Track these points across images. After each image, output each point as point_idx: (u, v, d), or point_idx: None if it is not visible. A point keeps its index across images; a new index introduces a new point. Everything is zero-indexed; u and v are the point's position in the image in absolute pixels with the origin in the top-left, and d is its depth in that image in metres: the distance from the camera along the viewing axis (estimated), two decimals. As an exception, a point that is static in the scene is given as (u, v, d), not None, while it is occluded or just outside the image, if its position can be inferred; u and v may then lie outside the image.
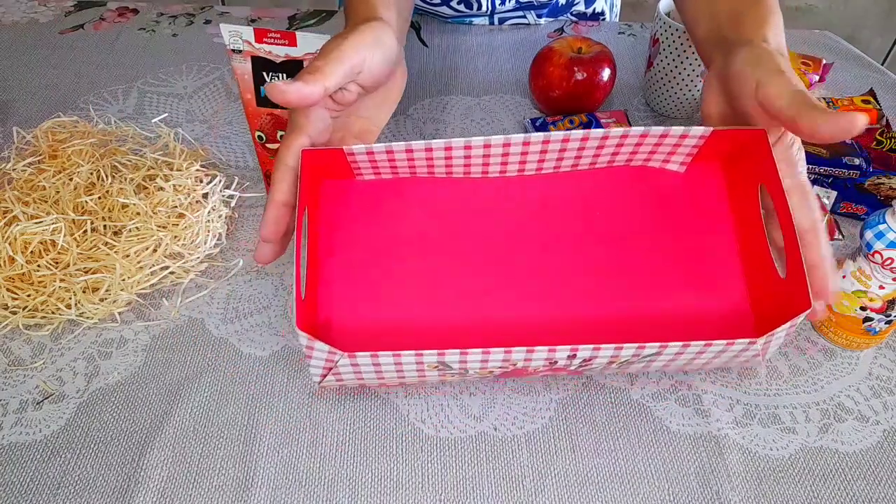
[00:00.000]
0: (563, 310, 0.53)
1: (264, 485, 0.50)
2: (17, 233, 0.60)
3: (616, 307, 0.53)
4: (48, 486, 0.49)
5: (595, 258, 0.54)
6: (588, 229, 0.55)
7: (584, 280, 0.54)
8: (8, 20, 0.97)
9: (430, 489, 0.50)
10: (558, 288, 0.54)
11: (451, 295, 0.53)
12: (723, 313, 0.53)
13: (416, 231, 0.55)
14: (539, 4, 0.98)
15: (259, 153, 0.69)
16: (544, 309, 0.53)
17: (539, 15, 1.00)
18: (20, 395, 0.55)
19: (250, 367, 0.57)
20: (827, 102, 0.82)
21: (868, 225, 0.54)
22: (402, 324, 0.53)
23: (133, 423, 0.53)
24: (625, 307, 0.53)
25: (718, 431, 0.54)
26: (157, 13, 1.00)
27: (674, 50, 0.78)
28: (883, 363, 0.59)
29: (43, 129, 0.72)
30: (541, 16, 1.00)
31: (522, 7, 0.98)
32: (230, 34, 0.61)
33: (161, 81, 0.87)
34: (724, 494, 0.50)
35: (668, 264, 0.54)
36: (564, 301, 0.53)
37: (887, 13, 2.06)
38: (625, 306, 0.53)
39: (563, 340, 0.51)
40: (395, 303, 0.53)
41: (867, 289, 0.56)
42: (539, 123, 0.79)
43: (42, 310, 0.59)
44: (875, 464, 0.53)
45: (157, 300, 0.62)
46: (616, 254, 0.55)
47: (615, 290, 0.54)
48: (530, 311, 0.53)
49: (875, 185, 0.71)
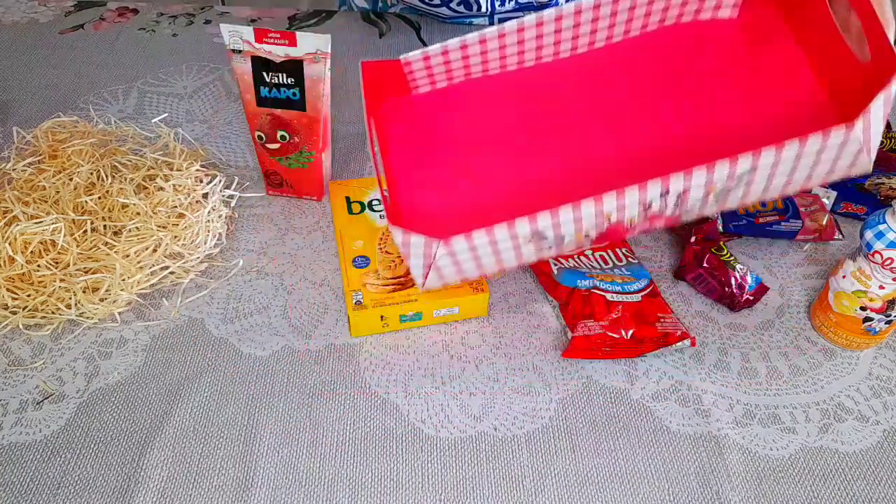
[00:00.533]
0: (647, 160, 0.50)
1: (264, 485, 0.50)
2: (17, 233, 0.60)
3: (697, 135, 0.50)
4: (48, 486, 0.49)
5: (667, 114, 0.51)
6: (652, 92, 0.53)
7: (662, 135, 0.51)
8: (8, 20, 0.97)
9: (430, 489, 0.50)
10: (635, 147, 0.51)
11: (532, 177, 0.51)
12: (801, 112, 0.49)
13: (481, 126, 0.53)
14: (539, 5, 0.98)
15: (259, 153, 0.69)
16: (627, 163, 0.50)
17: None
18: (20, 395, 0.55)
19: (250, 367, 0.57)
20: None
21: (868, 225, 0.54)
22: (489, 210, 0.51)
23: (133, 423, 0.53)
24: (706, 133, 0.50)
25: (718, 431, 0.54)
26: (157, 13, 1.00)
27: (674, 50, 0.78)
28: (883, 363, 0.59)
29: (43, 129, 0.72)
30: None
31: (522, 7, 0.98)
32: (230, 34, 0.61)
33: (161, 81, 0.87)
34: (724, 494, 0.50)
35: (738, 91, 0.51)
36: (645, 152, 0.50)
37: (887, 13, 2.06)
38: (706, 133, 0.50)
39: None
40: (478, 192, 0.51)
41: (867, 289, 0.56)
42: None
43: (42, 310, 0.59)
44: (875, 464, 0.53)
45: (157, 300, 0.62)
46: (687, 102, 0.52)
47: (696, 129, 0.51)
48: (614, 171, 0.50)
49: (875, 185, 0.71)
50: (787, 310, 0.63)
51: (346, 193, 0.68)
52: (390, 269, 0.61)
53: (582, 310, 0.59)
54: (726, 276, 0.62)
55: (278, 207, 0.71)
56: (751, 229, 0.67)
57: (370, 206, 0.67)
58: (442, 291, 0.59)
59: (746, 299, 0.62)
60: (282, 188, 0.71)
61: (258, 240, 0.67)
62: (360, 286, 0.59)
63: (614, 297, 0.60)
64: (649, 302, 0.60)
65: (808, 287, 0.65)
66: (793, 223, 0.67)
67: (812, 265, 0.67)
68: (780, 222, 0.67)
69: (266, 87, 0.63)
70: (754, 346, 0.60)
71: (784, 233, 0.68)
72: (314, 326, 0.60)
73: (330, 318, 0.61)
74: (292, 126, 0.65)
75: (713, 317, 0.62)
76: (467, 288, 0.59)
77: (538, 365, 0.58)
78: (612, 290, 0.60)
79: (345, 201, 0.67)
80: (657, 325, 0.58)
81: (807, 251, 0.69)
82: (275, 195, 0.72)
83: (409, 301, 0.58)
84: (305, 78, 0.62)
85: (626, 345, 0.57)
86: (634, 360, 0.59)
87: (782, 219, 0.67)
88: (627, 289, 0.61)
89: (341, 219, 0.66)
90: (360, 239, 0.63)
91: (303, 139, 0.66)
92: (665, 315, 0.59)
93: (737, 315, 0.63)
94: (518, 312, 0.62)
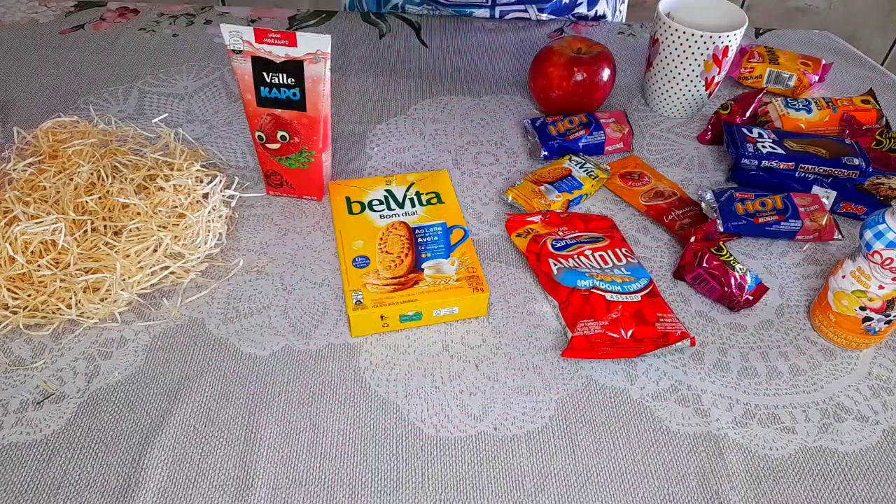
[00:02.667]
0: None
1: (264, 485, 0.50)
2: (18, 233, 0.60)
3: None
4: (48, 486, 0.50)
5: None
6: None
7: None
8: (8, 20, 0.97)
9: (430, 489, 0.50)
10: None
11: None
12: None
13: None
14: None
15: (259, 153, 0.69)
16: None
17: (541, 9, 1.00)
18: (20, 395, 0.55)
19: (250, 367, 0.57)
20: (826, 102, 0.82)
21: (868, 225, 0.54)
22: None
23: (133, 423, 0.53)
24: None
25: (718, 431, 0.54)
26: (157, 13, 1.00)
27: (674, 50, 0.78)
28: (882, 363, 0.59)
29: (43, 130, 0.72)
30: (542, 10, 1.00)
31: (524, 0, 0.98)
32: (230, 34, 0.61)
33: (161, 81, 0.87)
34: (724, 494, 0.50)
35: None
36: None
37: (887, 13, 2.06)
38: None
39: None
40: None
41: (867, 289, 0.56)
42: (539, 124, 0.79)
43: (42, 310, 0.59)
44: (874, 463, 0.53)
45: (157, 300, 0.62)
46: None
47: None
48: None
49: (875, 185, 0.71)
50: (786, 310, 0.63)
51: (346, 193, 0.68)
52: (390, 269, 0.61)
53: (582, 310, 0.59)
54: (726, 276, 0.62)
55: (278, 207, 0.71)
56: (750, 229, 0.67)
57: (370, 206, 0.67)
58: (442, 291, 0.59)
59: (746, 299, 0.62)
60: (282, 188, 0.71)
61: (258, 240, 0.67)
62: (360, 286, 0.59)
63: (614, 297, 0.60)
64: (649, 302, 0.60)
65: (807, 287, 0.65)
66: (792, 223, 0.67)
67: (812, 265, 0.67)
68: (780, 222, 0.67)
69: (266, 88, 0.63)
70: (754, 346, 0.60)
71: (783, 233, 0.68)
72: (314, 326, 0.60)
73: (330, 318, 0.61)
74: (292, 126, 0.65)
75: (713, 317, 0.62)
76: (467, 287, 0.60)
77: (538, 365, 0.58)
78: (611, 290, 0.60)
79: (345, 201, 0.68)
80: (657, 324, 0.58)
81: (806, 251, 0.69)
82: (275, 195, 0.72)
83: (410, 301, 0.58)
84: (305, 78, 0.62)
85: (626, 345, 0.57)
86: (634, 360, 0.59)
87: (782, 219, 0.67)
88: (627, 289, 0.61)
89: (341, 219, 0.66)
90: (360, 239, 0.64)
91: (303, 139, 0.66)
92: (665, 315, 0.59)
93: (737, 315, 0.63)
94: (518, 312, 0.62)
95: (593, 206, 0.73)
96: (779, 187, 0.72)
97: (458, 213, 0.67)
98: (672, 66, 0.80)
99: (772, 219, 0.68)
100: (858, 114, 0.81)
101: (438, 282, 0.60)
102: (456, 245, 0.64)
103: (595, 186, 0.73)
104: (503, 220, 0.71)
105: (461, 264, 0.62)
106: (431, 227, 0.65)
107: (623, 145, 0.79)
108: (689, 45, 0.77)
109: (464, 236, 0.65)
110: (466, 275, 0.61)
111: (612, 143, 0.78)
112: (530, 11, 0.99)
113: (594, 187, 0.73)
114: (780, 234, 0.68)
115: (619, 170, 0.76)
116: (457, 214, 0.67)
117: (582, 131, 0.77)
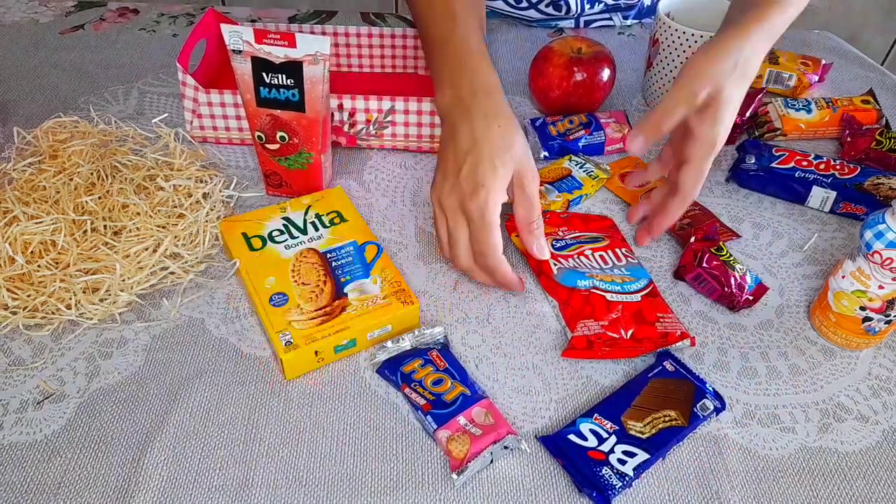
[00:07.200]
0: None
1: (264, 485, 0.50)
2: (18, 233, 0.60)
3: None
4: (48, 486, 0.49)
5: None
6: None
7: None
8: (8, 20, 0.97)
9: (430, 489, 0.50)
10: None
11: None
12: None
13: None
14: (626, 6, 0.98)
15: (259, 153, 0.69)
16: None
17: (626, 16, 1.00)
18: (20, 395, 0.55)
19: (250, 367, 0.57)
20: (826, 102, 0.82)
21: (868, 225, 0.54)
22: None
23: (133, 423, 0.53)
24: None
25: (718, 431, 0.54)
26: (157, 13, 1.00)
27: (673, 50, 0.78)
28: (882, 363, 0.59)
29: (43, 130, 0.72)
30: (627, 17, 1.00)
31: (610, 9, 0.98)
32: (230, 34, 0.61)
33: (161, 81, 0.87)
34: (724, 494, 0.50)
35: None
36: None
37: (887, 13, 2.06)
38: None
39: None
40: None
41: (867, 289, 0.56)
42: (539, 123, 0.79)
43: (42, 310, 0.59)
44: (874, 463, 0.53)
45: (157, 300, 0.62)
46: None
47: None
48: None
49: (875, 185, 0.71)
50: (786, 310, 0.63)
51: (241, 230, 0.64)
52: (312, 300, 0.58)
53: (582, 310, 0.59)
54: (726, 276, 0.62)
55: (278, 207, 0.71)
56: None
57: (271, 237, 0.63)
58: (372, 312, 0.57)
59: (746, 299, 0.62)
60: (281, 188, 0.71)
61: (258, 240, 0.67)
62: (285, 326, 0.56)
63: (614, 297, 0.60)
64: (649, 302, 0.60)
65: (807, 287, 0.65)
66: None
67: (811, 265, 0.67)
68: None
69: (266, 88, 0.63)
70: (754, 346, 0.60)
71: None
72: (314, 326, 0.60)
73: (330, 318, 0.61)
74: (291, 127, 0.65)
75: (713, 317, 0.62)
76: (397, 303, 0.58)
77: (538, 365, 0.58)
78: (611, 289, 0.60)
79: (242, 238, 0.63)
80: (657, 324, 0.58)
81: (806, 251, 0.69)
82: (274, 195, 0.72)
83: (343, 329, 0.56)
84: (305, 79, 0.62)
85: (626, 345, 0.57)
86: (634, 360, 0.59)
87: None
88: (627, 289, 0.61)
89: (244, 258, 0.61)
90: (271, 275, 0.60)
91: (302, 140, 0.66)
92: (665, 315, 0.59)
93: (736, 315, 0.63)
94: (518, 312, 0.62)
95: (593, 206, 0.73)
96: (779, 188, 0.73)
97: (365, 228, 0.65)
98: (672, 66, 0.80)
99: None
100: (858, 114, 0.81)
101: (366, 303, 0.58)
102: (373, 262, 0.61)
103: (595, 186, 0.73)
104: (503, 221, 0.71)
105: (384, 280, 0.60)
106: (342, 247, 0.62)
107: (623, 145, 0.79)
108: (689, 45, 0.77)
109: (378, 252, 0.62)
110: (392, 290, 0.59)
111: (612, 144, 0.78)
112: (615, 20, 1.00)
113: (594, 187, 0.73)
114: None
115: (619, 170, 0.76)
116: (364, 230, 0.64)
117: (582, 131, 0.77)
